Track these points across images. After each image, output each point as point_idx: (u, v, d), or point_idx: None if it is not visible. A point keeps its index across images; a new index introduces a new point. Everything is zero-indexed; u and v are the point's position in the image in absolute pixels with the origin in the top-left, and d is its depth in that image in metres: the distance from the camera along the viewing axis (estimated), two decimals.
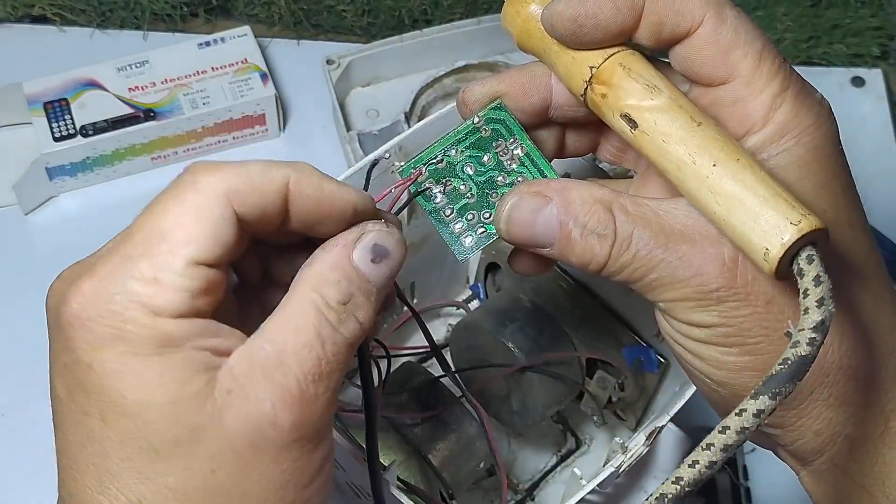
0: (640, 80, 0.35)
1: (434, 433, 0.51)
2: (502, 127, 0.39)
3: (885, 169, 0.78)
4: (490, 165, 0.39)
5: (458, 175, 0.39)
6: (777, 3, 0.83)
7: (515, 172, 0.38)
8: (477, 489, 0.56)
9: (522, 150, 0.38)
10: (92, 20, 0.81)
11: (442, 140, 0.39)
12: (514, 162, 0.38)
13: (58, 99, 0.72)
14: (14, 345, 0.67)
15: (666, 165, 0.34)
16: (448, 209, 0.38)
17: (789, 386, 0.30)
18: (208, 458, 0.30)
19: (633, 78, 0.35)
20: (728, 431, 0.30)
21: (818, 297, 0.31)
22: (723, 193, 0.32)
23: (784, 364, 0.30)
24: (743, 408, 0.30)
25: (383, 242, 0.34)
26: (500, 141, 0.38)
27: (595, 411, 0.57)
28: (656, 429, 0.48)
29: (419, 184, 0.38)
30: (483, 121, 0.39)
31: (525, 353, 0.52)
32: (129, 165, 0.74)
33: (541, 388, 0.53)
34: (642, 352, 0.53)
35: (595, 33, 0.35)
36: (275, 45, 0.81)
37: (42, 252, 0.71)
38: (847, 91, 0.82)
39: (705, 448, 0.31)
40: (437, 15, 0.82)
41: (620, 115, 0.35)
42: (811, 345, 0.30)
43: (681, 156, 0.33)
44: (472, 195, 0.38)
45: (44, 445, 0.61)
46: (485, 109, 0.39)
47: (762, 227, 0.32)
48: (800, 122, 0.34)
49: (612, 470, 0.47)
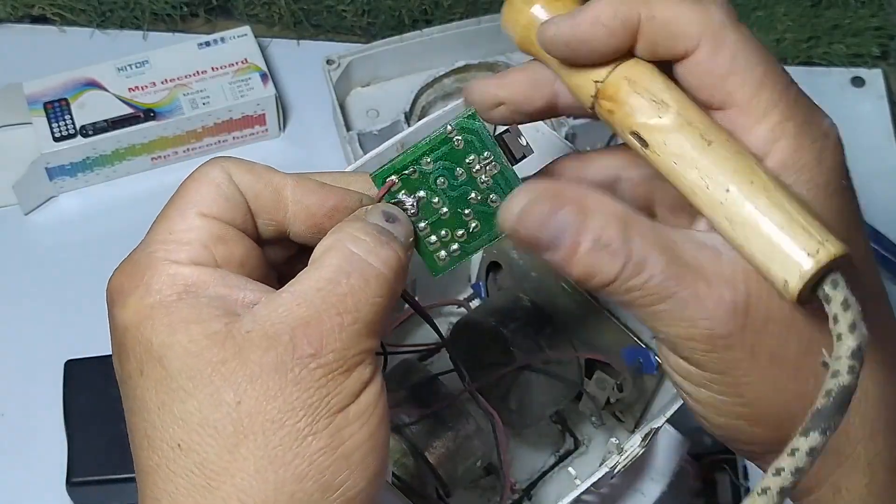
0: (646, 95, 0.33)
1: (431, 431, 0.51)
2: (476, 139, 0.37)
3: (885, 169, 0.78)
4: (463, 180, 0.37)
5: (431, 187, 0.37)
6: (777, 3, 0.83)
7: (488, 191, 0.37)
8: (474, 488, 0.56)
9: (496, 169, 0.37)
10: (92, 20, 0.81)
11: (414, 148, 0.37)
12: (488, 180, 0.37)
13: (58, 99, 0.72)
14: (14, 345, 0.67)
15: (681, 188, 0.33)
16: (422, 222, 0.37)
17: (837, 419, 0.29)
18: (232, 390, 0.31)
19: (639, 93, 0.33)
20: (783, 473, 0.29)
21: (849, 321, 0.29)
22: (738, 221, 0.31)
23: (828, 396, 0.29)
24: (795, 447, 0.29)
25: (390, 210, 0.36)
26: (472, 154, 0.37)
27: (593, 412, 0.57)
28: (652, 430, 0.48)
29: (393, 194, 0.37)
30: (455, 130, 0.37)
31: (524, 353, 0.52)
32: (129, 165, 0.74)
33: (539, 387, 0.53)
34: (641, 353, 0.53)
35: (591, 56, 0.34)
36: (275, 45, 0.81)
37: (42, 252, 0.71)
38: (847, 91, 0.82)
39: (761, 493, 0.29)
40: (437, 15, 0.82)
41: (630, 133, 0.34)
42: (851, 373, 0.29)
43: (693, 179, 0.32)
44: (445, 211, 0.37)
45: (44, 445, 0.61)
46: (458, 118, 0.37)
47: (779, 258, 0.30)
48: (799, 158, 0.32)
49: (606, 470, 0.47)
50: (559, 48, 0.34)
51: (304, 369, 0.31)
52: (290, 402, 0.31)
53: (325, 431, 0.31)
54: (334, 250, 0.33)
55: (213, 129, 0.74)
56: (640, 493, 0.58)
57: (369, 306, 0.32)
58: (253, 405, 0.31)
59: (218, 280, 0.33)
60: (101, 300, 0.34)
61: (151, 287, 0.32)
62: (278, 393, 0.31)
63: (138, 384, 0.32)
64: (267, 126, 0.76)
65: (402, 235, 0.35)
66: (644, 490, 0.58)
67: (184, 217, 0.33)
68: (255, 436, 0.31)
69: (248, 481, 0.30)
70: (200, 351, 0.31)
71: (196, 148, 0.75)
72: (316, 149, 0.76)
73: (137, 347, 0.32)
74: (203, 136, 0.74)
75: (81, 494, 0.59)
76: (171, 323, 0.32)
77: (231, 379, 0.31)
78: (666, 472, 0.58)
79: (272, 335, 0.31)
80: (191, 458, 0.31)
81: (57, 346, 0.64)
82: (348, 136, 0.72)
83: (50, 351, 0.64)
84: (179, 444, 0.31)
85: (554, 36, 0.34)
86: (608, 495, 0.57)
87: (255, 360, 0.31)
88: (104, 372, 0.61)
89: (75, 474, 0.58)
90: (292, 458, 0.31)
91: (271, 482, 0.30)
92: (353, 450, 0.32)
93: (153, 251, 0.33)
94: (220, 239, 0.33)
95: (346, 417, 0.32)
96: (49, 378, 0.61)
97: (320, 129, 0.77)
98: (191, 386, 0.31)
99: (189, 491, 0.31)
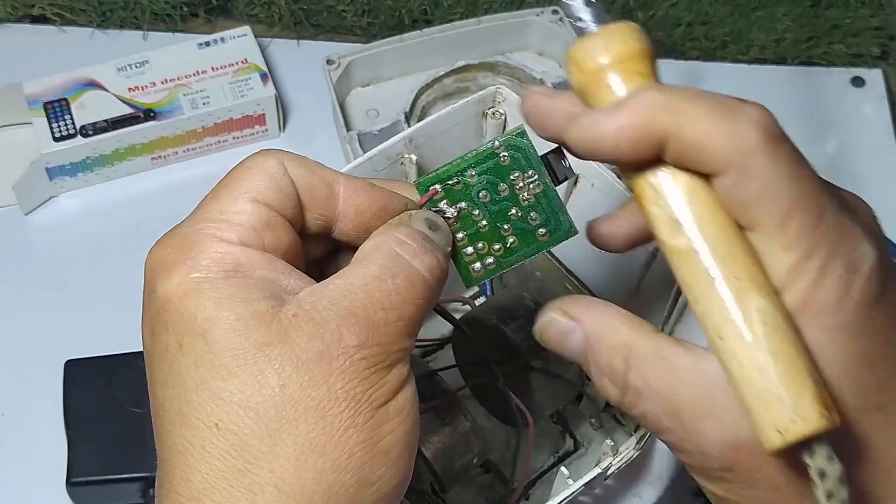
0: (665, 210, 0.32)
1: (428, 426, 0.51)
2: (522, 157, 0.37)
3: (885, 169, 0.78)
4: (505, 196, 0.38)
5: (473, 200, 0.38)
6: (777, 3, 0.83)
7: (529, 209, 0.38)
8: (472, 485, 0.56)
9: (539, 188, 0.37)
10: (92, 20, 0.81)
11: (460, 160, 0.38)
12: (530, 198, 0.38)
13: (58, 99, 0.72)
14: (14, 345, 0.67)
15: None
16: (460, 233, 0.38)
17: None
18: (276, 373, 0.30)
19: (660, 206, 0.32)
20: None
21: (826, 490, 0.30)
22: (727, 369, 0.31)
23: None
24: None
25: (433, 218, 0.36)
26: (517, 172, 0.37)
27: (593, 414, 0.57)
28: (647, 432, 0.48)
29: (435, 202, 0.38)
30: (503, 146, 0.37)
31: (525, 352, 0.52)
32: (129, 165, 0.74)
33: (539, 387, 0.53)
34: None
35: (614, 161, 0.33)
36: (275, 45, 0.81)
37: (42, 252, 0.71)
38: (847, 91, 0.82)
39: None
40: (437, 15, 0.82)
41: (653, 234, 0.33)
42: None
43: (698, 312, 0.31)
44: (484, 224, 0.38)
45: (44, 445, 0.61)
46: (506, 134, 0.37)
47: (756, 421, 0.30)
48: (820, 298, 0.30)
49: (598, 471, 0.47)
50: (581, 151, 0.33)
51: (349, 359, 0.31)
52: (334, 392, 0.31)
53: (366, 425, 0.31)
54: (381, 251, 0.34)
55: (213, 129, 0.74)
56: (636, 497, 0.58)
57: (412, 307, 0.33)
58: (297, 391, 0.30)
59: (266, 263, 0.33)
60: (101, 300, 0.34)
61: (199, 262, 0.32)
62: (322, 381, 0.31)
63: (176, 358, 0.31)
64: (267, 126, 0.76)
65: (443, 244, 0.36)
66: (641, 493, 0.58)
67: (236, 200, 0.33)
68: (297, 422, 0.30)
69: (286, 468, 0.30)
70: (247, 330, 0.31)
71: (196, 148, 0.75)
72: (316, 149, 0.76)
73: (179, 320, 0.31)
74: (203, 136, 0.74)
75: (81, 494, 0.59)
76: (219, 299, 0.31)
77: (276, 362, 0.30)
78: (663, 476, 0.58)
79: (319, 321, 0.31)
80: (228, 440, 0.30)
81: (57, 346, 0.64)
82: (348, 136, 0.72)
83: (50, 351, 0.63)
84: (217, 423, 0.30)
85: (577, 140, 0.33)
86: (604, 498, 0.57)
87: (301, 345, 0.31)
88: (104, 372, 0.61)
89: (75, 474, 0.58)
90: (333, 449, 0.30)
91: (310, 471, 0.30)
92: (391, 446, 0.32)
93: (202, 228, 0.33)
94: (268, 226, 0.33)
95: (387, 413, 0.32)
96: (49, 378, 0.61)
97: (320, 129, 0.77)
98: (234, 365, 0.31)
99: (224, 474, 0.30)
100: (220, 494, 0.30)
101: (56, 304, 0.68)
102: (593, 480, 0.47)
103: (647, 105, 0.31)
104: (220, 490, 0.30)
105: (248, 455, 0.30)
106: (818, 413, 0.29)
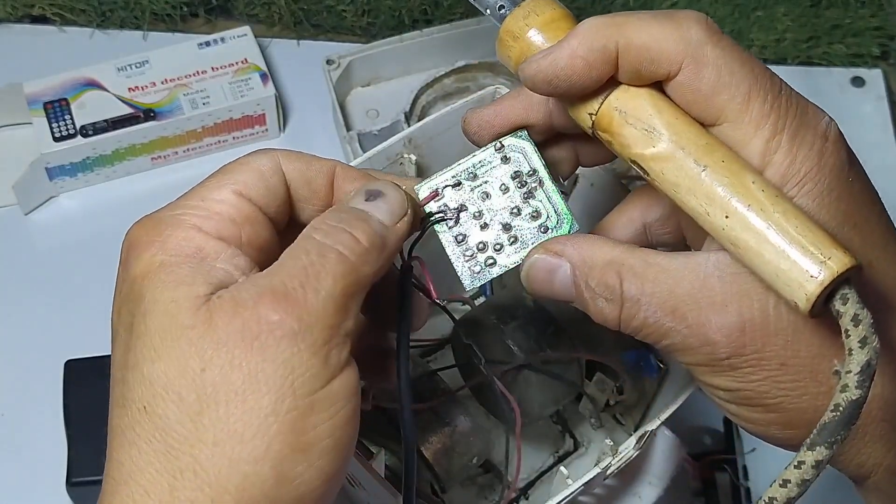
0: (638, 126, 0.33)
1: (427, 426, 0.51)
2: (522, 157, 0.38)
3: (885, 168, 0.78)
4: (507, 196, 0.38)
5: (474, 200, 0.38)
6: (777, 3, 0.83)
7: (531, 207, 0.38)
8: (471, 485, 0.56)
9: (541, 186, 0.38)
10: (92, 20, 0.81)
11: (461, 162, 0.38)
12: (532, 197, 0.38)
13: (58, 99, 0.72)
14: (14, 344, 0.67)
15: (687, 213, 0.33)
16: (461, 236, 0.38)
17: (843, 432, 0.30)
18: (198, 356, 0.30)
19: (631, 123, 0.33)
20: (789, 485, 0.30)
21: (860, 336, 0.30)
22: (741, 245, 0.31)
23: (836, 411, 0.30)
24: (801, 460, 0.30)
25: (374, 187, 0.35)
26: (519, 172, 0.38)
27: (593, 413, 0.57)
28: (647, 432, 0.48)
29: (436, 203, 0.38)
30: (504, 146, 0.38)
31: (524, 352, 0.52)
32: (129, 165, 0.74)
33: (538, 387, 0.53)
34: (642, 356, 0.53)
35: (575, 90, 0.34)
36: (275, 45, 0.81)
37: (42, 252, 0.71)
38: (847, 91, 0.82)
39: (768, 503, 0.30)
40: (437, 15, 0.82)
41: (630, 161, 0.34)
42: (860, 387, 0.29)
43: (694, 206, 0.32)
44: (485, 225, 0.38)
45: (44, 445, 0.61)
46: (508, 136, 0.38)
47: (784, 281, 0.30)
48: (799, 168, 0.32)
49: (598, 471, 0.47)
50: (542, 86, 0.34)
51: (271, 336, 0.30)
52: (254, 374, 0.30)
53: (286, 415, 0.30)
54: (301, 235, 0.33)
55: (213, 129, 0.74)
56: (636, 497, 0.58)
57: (330, 279, 0.32)
58: (217, 374, 0.30)
59: (229, 258, 0.33)
60: (101, 300, 0.34)
61: (167, 246, 0.32)
62: (242, 362, 0.30)
63: (123, 339, 0.32)
64: (267, 126, 0.76)
65: (384, 212, 0.35)
66: (641, 493, 0.58)
67: (219, 190, 0.34)
68: (217, 406, 0.30)
69: (205, 453, 0.29)
70: (177, 312, 0.31)
71: (196, 148, 0.75)
72: (316, 149, 0.75)
73: (134, 301, 0.32)
74: (203, 136, 0.74)
75: (81, 494, 0.59)
76: (167, 281, 0.31)
77: (197, 345, 0.30)
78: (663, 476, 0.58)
79: (239, 301, 0.31)
80: (154, 423, 0.30)
81: (57, 346, 0.64)
82: (348, 136, 0.72)
83: (50, 351, 0.64)
84: (145, 406, 0.30)
85: (535, 74, 0.34)
86: (604, 498, 0.57)
87: (221, 325, 0.30)
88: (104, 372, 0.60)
89: (75, 474, 0.58)
90: (251, 437, 0.29)
91: (227, 458, 0.29)
92: (316, 442, 0.30)
93: (180, 213, 0.33)
94: (249, 219, 0.34)
95: (312, 405, 0.30)
96: (49, 378, 0.61)
97: (320, 129, 0.77)
98: (161, 347, 0.30)
99: (149, 457, 0.30)
100: (145, 478, 0.30)
101: (56, 304, 0.68)
102: (593, 480, 0.47)
103: (592, 28, 0.33)
104: (145, 473, 0.30)
105: (171, 439, 0.30)
106: (844, 252, 0.30)
